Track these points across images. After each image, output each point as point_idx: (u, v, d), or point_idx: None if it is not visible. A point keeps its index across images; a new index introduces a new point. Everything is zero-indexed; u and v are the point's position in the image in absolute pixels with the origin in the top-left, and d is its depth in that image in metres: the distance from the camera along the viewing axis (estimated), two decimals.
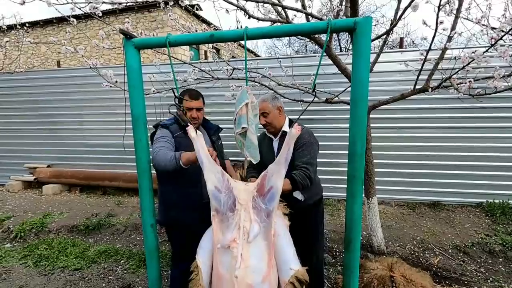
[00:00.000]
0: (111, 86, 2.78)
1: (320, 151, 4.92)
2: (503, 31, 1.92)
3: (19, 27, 5.19)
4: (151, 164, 1.61)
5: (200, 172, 1.74)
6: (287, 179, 1.73)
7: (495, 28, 2.29)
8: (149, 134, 1.63)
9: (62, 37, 11.58)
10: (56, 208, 4.42)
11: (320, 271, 2.13)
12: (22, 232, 3.64)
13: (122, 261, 3.04)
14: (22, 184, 5.55)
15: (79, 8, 2.27)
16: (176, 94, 1.37)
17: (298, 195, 1.88)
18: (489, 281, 2.59)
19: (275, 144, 2.00)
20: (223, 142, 2.20)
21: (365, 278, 2.13)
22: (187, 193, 1.84)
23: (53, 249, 3.24)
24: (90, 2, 2.12)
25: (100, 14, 2.38)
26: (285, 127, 1.98)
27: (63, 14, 2.46)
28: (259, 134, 2.03)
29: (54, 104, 5.35)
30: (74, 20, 2.59)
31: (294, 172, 1.78)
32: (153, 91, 3.01)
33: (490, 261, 2.88)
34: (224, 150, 2.26)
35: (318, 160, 4.73)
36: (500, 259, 2.90)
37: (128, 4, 2.48)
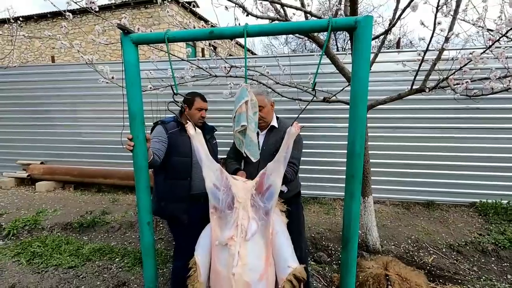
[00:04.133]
0: (107, 82, 2.75)
1: (316, 150, 4.92)
2: (500, 33, 1.94)
3: (13, 21, 5.09)
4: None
5: (190, 165, 1.98)
6: None
7: (491, 30, 2.32)
8: (147, 132, 1.64)
9: (57, 32, 11.41)
10: (49, 205, 4.37)
11: (305, 266, 2.17)
12: (15, 230, 3.59)
13: (117, 259, 3.01)
14: (15, 180, 5.46)
15: (75, 3, 2.24)
16: (175, 91, 1.36)
17: (282, 187, 1.92)
18: (481, 279, 2.63)
19: (261, 138, 2.02)
20: (218, 140, 2.28)
21: (360, 277, 2.15)
22: (175, 184, 1.97)
23: (46, 246, 3.20)
24: None
25: (97, 9, 2.34)
26: (274, 122, 2.03)
27: (59, 9, 2.43)
28: None
29: (48, 100, 5.27)
30: (70, 14, 2.55)
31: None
32: (150, 87, 2.98)
33: (483, 260, 2.92)
34: (219, 148, 2.30)
35: (313, 159, 4.75)
36: (493, 258, 2.95)
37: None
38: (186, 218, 1.97)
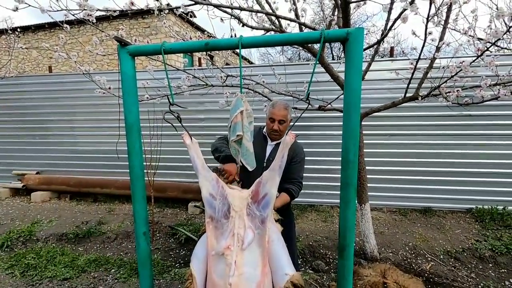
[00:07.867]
0: (103, 93, 2.77)
1: (313, 158, 4.94)
2: (489, 42, 1.99)
3: (10, 32, 5.12)
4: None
5: None
6: (286, 193, 1.88)
7: (481, 39, 2.38)
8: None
9: (54, 42, 11.48)
10: (45, 216, 4.32)
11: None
12: (9, 241, 3.53)
13: (113, 270, 2.97)
14: (9, 191, 5.40)
15: (73, 15, 2.26)
16: (171, 102, 1.37)
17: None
18: (480, 286, 2.63)
19: (269, 148, 2.05)
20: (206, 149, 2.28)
21: (358, 285, 2.13)
22: None
23: (41, 258, 3.15)
24: (84, 9, 2.11)
25: (94, 21, 2.37)
26: None
27: (56, 20, 2.45)
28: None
29: (44, 109, 5.27)
30: (67, 26, 2.58)
31: (291, 187, 1.91)
32: (147, 97, 3.00)
33: (480, 267, 2.92)
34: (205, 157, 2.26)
35: (310, 166, 4.75)
36: (490, 265, 2.95)
37: (122, 11, 2.48)
38: None
